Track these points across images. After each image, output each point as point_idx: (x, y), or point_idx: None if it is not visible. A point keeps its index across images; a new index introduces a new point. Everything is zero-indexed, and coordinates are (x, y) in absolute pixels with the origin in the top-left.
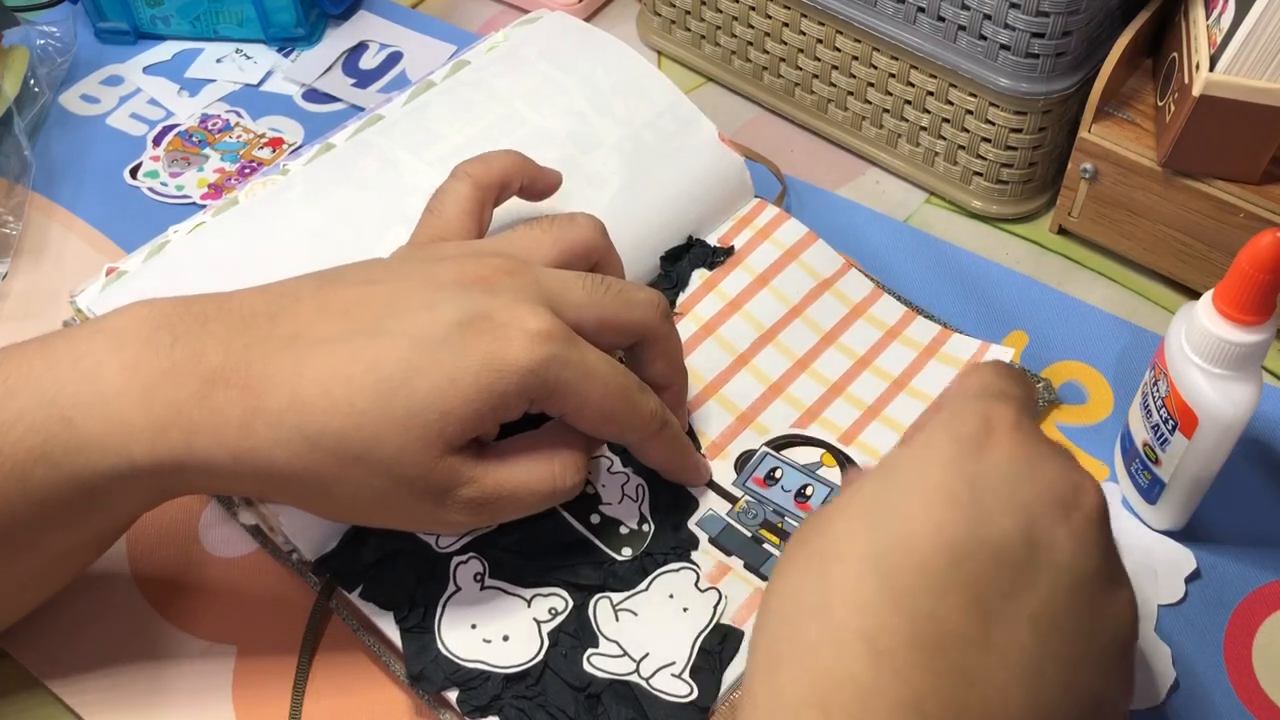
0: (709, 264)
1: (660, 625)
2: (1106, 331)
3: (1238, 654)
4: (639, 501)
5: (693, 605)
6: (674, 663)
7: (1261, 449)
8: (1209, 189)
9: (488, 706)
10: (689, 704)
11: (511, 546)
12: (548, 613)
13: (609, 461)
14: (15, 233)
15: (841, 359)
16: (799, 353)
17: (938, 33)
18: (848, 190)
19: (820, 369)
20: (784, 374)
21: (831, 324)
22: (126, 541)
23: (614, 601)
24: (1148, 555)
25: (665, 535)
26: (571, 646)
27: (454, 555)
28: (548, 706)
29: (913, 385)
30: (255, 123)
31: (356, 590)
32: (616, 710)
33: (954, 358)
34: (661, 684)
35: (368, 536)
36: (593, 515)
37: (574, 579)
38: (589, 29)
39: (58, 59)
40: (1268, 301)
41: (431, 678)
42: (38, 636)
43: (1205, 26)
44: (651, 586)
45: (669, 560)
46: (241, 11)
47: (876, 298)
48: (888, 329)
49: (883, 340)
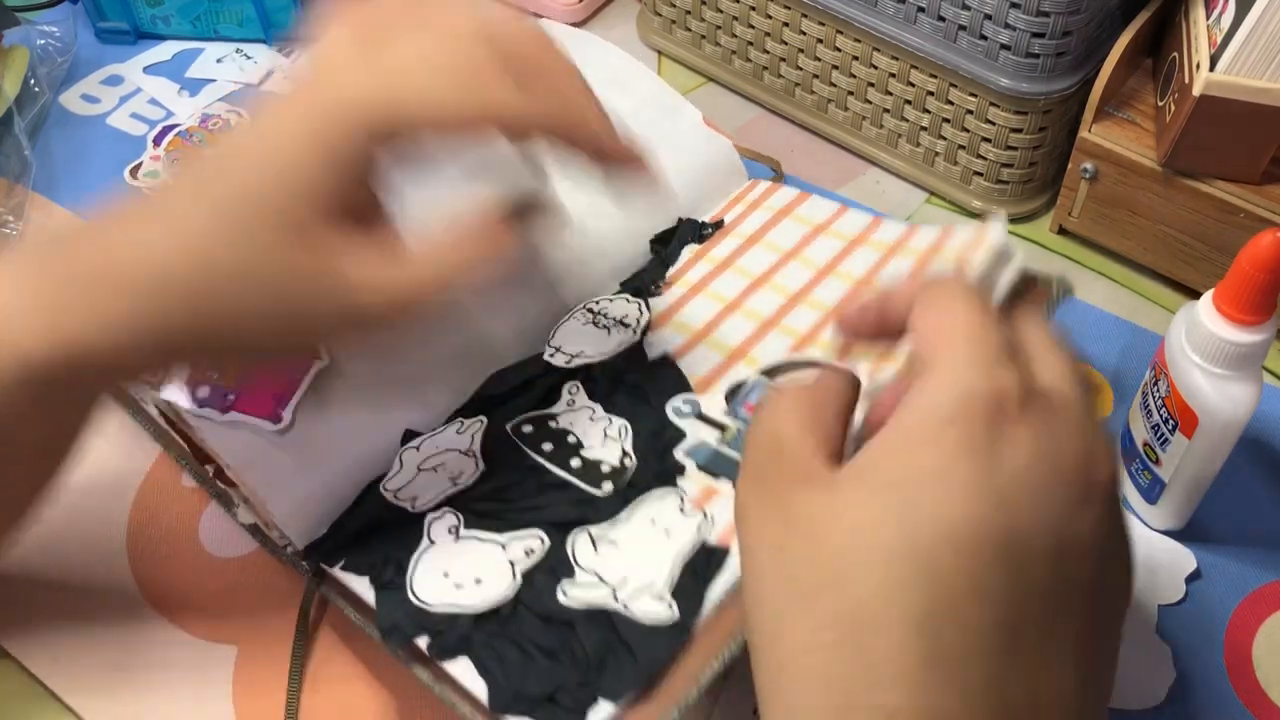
0: (698, 238)
1: (640, 550)
2: (1107, 331)
3: (1238, 654)
4: (621, 440)
5: (675, 528)
6: (653, 583)
7: (1262, 449)
8: (1209, 189)
9: (456, 647)
10: (669, 626)
11: (487, 495)
12: (524, 553)
13: (590, 410)
14: (15, 233)
15: (840, 285)
16: (794, 289)
17: (938, 32)
18: (848, 190)
19: (818, 297)
20: (778, 309)
21: (829, 258)
22: (126, 542)
23: (593, 534)
24: (1148, 555)
25: (649, 466)
26: (546, 581)
27: (429, 513)
28: (519, 639)
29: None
30: None
31: (338, 565)
32: (589, 635)
33: (956, 248)
34: (640, 607)
35: (349, 513)
36: (573, 460)
37: (551, 518)
38: (572, 31)
39: (58, 59)
40: (1268, 301)
41: (402, 627)
42: (38, 636)
43: (1205, 26)
44: (633, 516)
45: (651, 488)
46: (242, 11)
47: (876, 226)
48: (888, 246)
49: (883, 258)
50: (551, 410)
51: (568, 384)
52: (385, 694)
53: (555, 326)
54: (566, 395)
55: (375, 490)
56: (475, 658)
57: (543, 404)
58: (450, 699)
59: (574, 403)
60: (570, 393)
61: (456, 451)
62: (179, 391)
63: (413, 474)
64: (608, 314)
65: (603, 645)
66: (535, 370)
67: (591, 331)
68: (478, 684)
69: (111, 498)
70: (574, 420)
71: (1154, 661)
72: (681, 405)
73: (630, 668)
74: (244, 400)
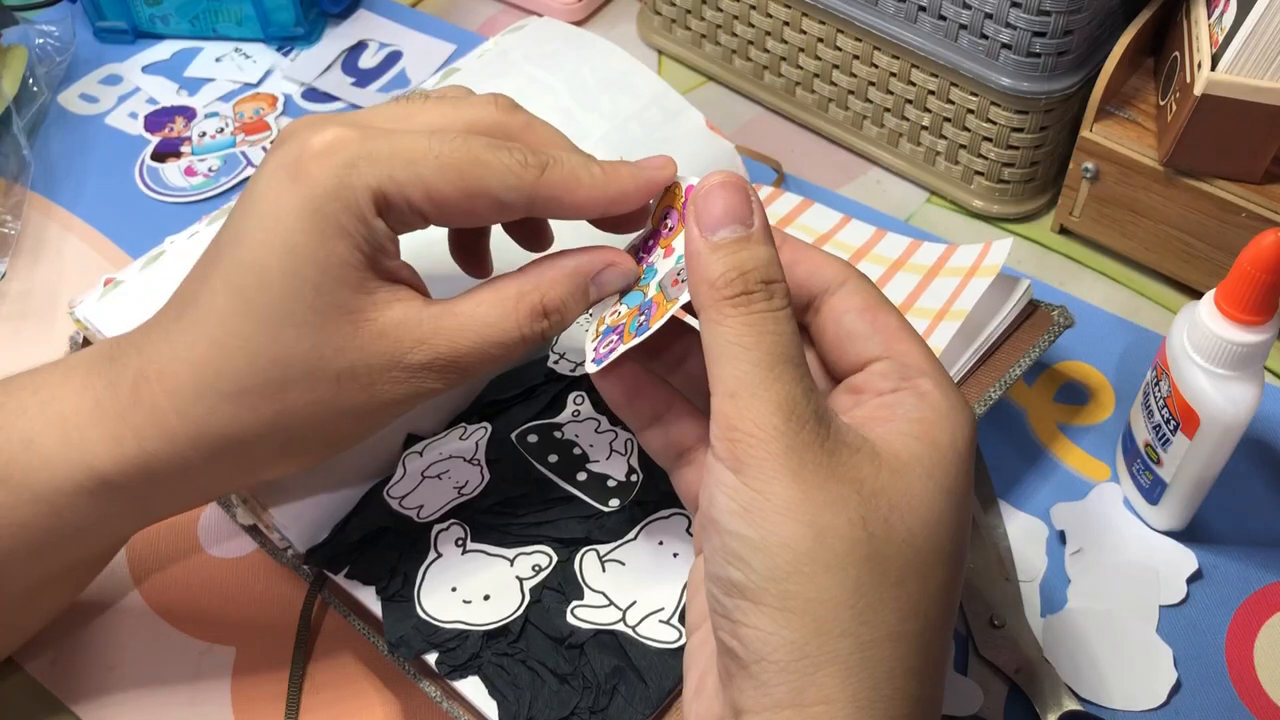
0: None
1: (648, 573)
2: (1108, 331)
3: (1239, 655)
4: (628, 455)
5: (683, 551)
6: (662, 608)
7: (1263, 449)
8: (1211, 189)
9: (466, 665)
10: (678, 649)
11: (493, 508)
12: (531, 569)
13: (596, 422)
14: (14, 232)
15: None
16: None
17: (939, 32)
18: (849, 190)
19: None
20: None
21: None
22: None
23: (600, 553)
24: (1149, 556)
25: (655, 482)
26: (556, 601)
27: (435, 524)
28: (529, 660)
29: (918, 306)
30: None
31: (342, 572)
32: (600, 660)
33: (959, 268)
34: (649, 631)
35: (351, 518)
36: (579, 474)
37: (559, 534)
38: (575, 31)
39: (56, 58)
40: (1269, 301)
41: (410, 643)
42: (38, 637)
43: (1207, 26)
44: (640, 535)
45: (659, 508)
46: (240, 10)
47: (880, 238)
48: (892, 261)
49: (887, 273)
50: (557, 420)
51: (572, 394)
52: (386, 695)
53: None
54: (572, 405)
55: (378, 496)
56: (485, 677)
57: (547, 413)
58: (458, 713)
59: (579, 413)
60: (575, 403)
61: (461, 459)
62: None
63: (417, 480)
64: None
65: (613, 670)
66: (537, 376)
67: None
68: (489, 704)
69: None
70: (580, 432)
71: (1155, 662)
72: None
73: (641, 693)
74: None
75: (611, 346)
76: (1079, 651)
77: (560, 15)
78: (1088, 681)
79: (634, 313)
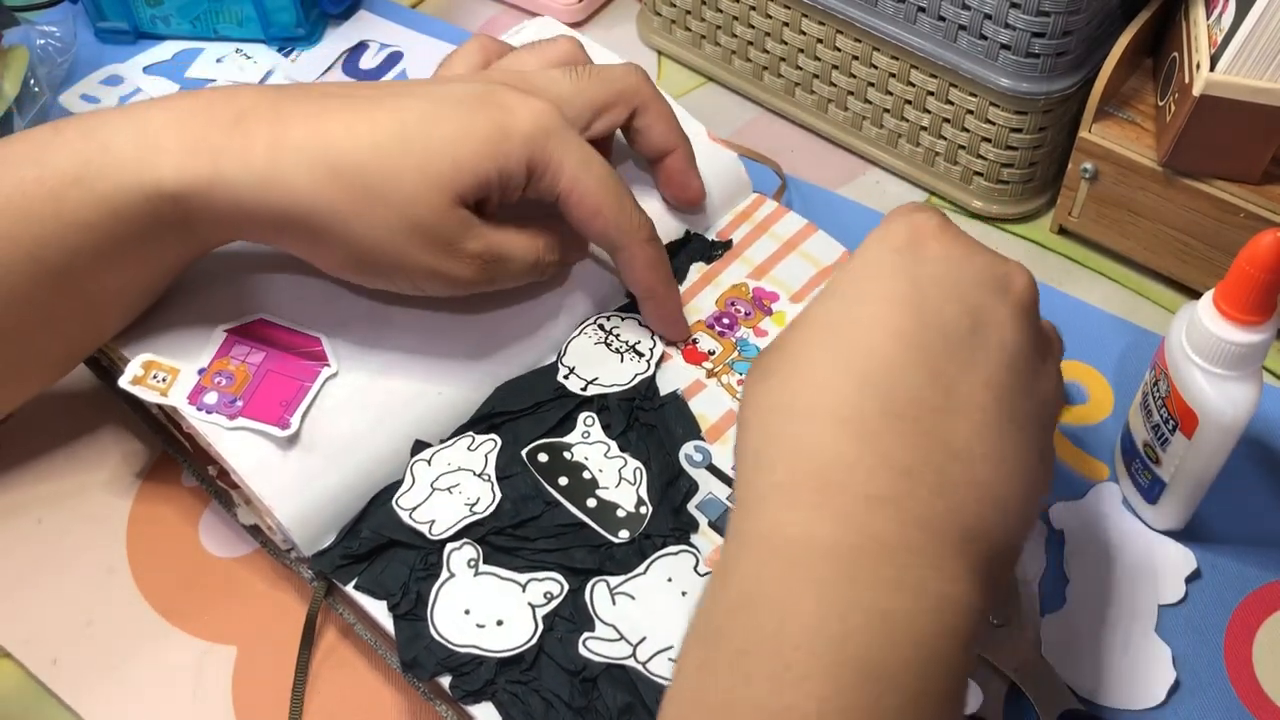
0: (707, 258)
1: (658, 609)
2: (1107, 331)
3: (1238, 654)
4: (636, 485)
5: (691, 589)
6: (671, 647)
7: (1262, 449)
8: (1209, 189)
9: (481, 691)
10: None
11: (506, 531)
12: (543, 597)
13: (605, 446)
14: None
15: None
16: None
17: (938, 32)
18: (848, 190)
19: None
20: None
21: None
22: (126, 542)
23: (611, 585)
24: (1148, 555)
25: (664, 517)
26: (567, 630)
27: (448, 542)
28: (542, 691)
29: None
30: None
31: (351, 583)
32: (612, 695)
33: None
34: (659, 668)
35: (359, 524)
36: (589, 500)
37: (570, 563)
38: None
39: (58, 59)
40: (1268, 301)
41: (424, 664)
42: (38, 636)
43: (1206, 26)
44: (649, 570)
45: (668, 543)
46: (241, 11)
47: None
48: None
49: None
50: (566, 440)
51: (582, 414)
52: (388, 696)
53: (566, 341)
54: (581, 425)
55: (387, 504)
56: (499, 704)
57: (556, 431)
58: None
59: (589, 435)
60: (585, 424)
61: (471, 473)
62: (183, 398)
63: (427, 492)
64: (620, 336)
65: (625, 707)
66: (546, 390)
67: (604, 354)
68: None
69: (111, 497)
70: (589, 455)
71: (1154, 662)
72: (693, 453)
73: None
74: (252, 406)
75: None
76: (1078, 651)
77: (560, 16)
78: (1087, 681)
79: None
